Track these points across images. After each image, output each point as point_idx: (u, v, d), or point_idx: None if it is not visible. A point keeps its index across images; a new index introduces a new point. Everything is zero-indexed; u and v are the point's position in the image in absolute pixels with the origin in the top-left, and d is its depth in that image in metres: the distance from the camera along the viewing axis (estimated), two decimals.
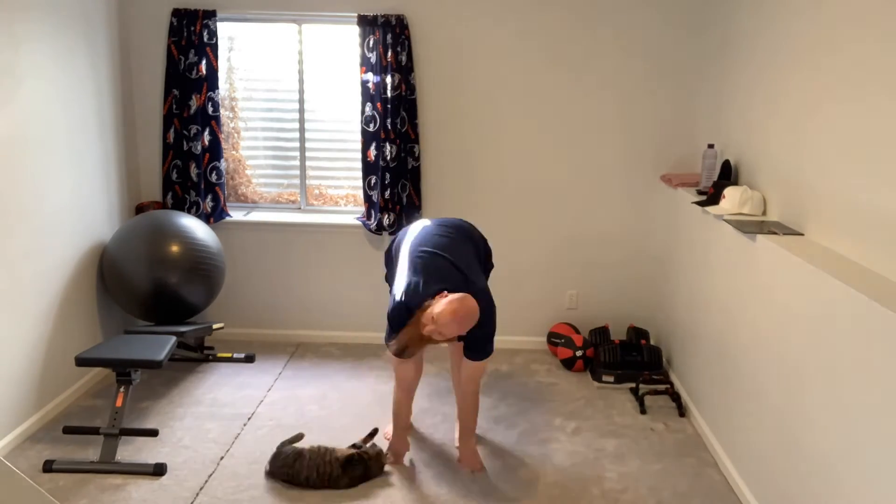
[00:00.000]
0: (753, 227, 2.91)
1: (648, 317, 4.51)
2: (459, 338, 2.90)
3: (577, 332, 4.35)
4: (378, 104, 4.18)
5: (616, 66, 4.18)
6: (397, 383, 3.13)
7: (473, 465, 3.08)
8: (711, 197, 3.44)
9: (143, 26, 4.25)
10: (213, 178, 4.36)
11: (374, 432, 3.22)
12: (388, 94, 4.15)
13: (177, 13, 4.16)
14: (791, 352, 2.54)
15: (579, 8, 4.12)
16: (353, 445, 3.10)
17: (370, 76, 4.17)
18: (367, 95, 4.19)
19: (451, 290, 2.79)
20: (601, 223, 4.40)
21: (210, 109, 4.26)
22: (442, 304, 2.72)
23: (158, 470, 3.08)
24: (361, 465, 2.98)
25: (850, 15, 2.51)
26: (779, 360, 2.64)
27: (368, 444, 3.10)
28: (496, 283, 4.46)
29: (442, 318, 2.69)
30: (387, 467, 3.13)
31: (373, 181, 4.30)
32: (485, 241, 3.34)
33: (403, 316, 2.86)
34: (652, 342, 4.43)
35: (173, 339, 3.42)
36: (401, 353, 2.89)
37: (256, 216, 4.50)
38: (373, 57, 4.14)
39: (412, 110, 4.20)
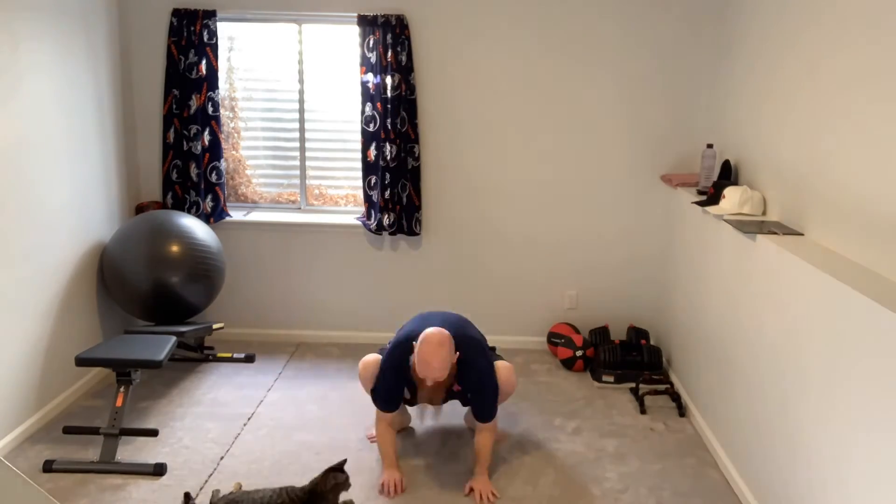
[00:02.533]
0: (753, 227, 2.91)
1: (648, 317, 4.51)
2: (464, 402, 3.14)
3: (577, 332, 4.35)
4: (378, 104, 4.18)
5: (616, 67, 4.18)
6: (382, 420, 3.11)
7: (487, 492, 2.97)
8: (711, 197, 3.44)
9: (143, 26, 4.25)
10: (213, 178, 4.36)
11: (344, 462, 2.84)
12: (388, 94, 4.15)
13: (177, 13, 4.16)
14: (791, 352, 2.54)
15: (580, 9, 4.12)
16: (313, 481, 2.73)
17: (370, 76, 4.17)
18: (367, 95, 4.19)
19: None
20: (601, 223, 4.40)
21: (210, 109, 4.26)
22: (419, 352, 2.88)
23: (158, 470, 3.08)
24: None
25: (850, 16, 2.51)
26: (779, 359, 2.64)
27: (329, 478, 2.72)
28: (498, 281, 4.48)
29: (418, 356, 2.87)
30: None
31: (373, 181, 4.30)
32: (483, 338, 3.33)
33: (398, 370, 3.04)
34: (652, 342, 4.43)
35: (173, 339, 3.42)
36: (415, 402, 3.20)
37: (256, 216, 4.50)
38: (373, 57, 4.14)
39: (412, 110, 4.20)
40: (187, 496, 2.70)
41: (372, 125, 4.22)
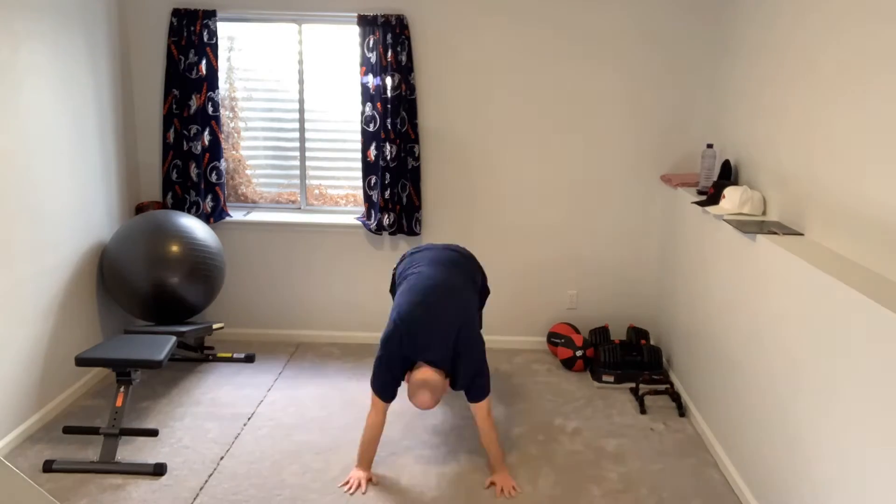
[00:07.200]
0: (753, 227, 2.92)
1: (648, 317, 4.51)
2: (457, 386, 3.05)
3: (577, 332, 4.35)
4: (378, 104, 4.18)
5: (616, 67, 4.18)
6: (371, 429, 3.06)
7: (508, 487, 3.04)
8: (711, 197, 3.44)
9: (143, 26, 4.25)
10: (213, 178, 4.36)
11: None
12: (388, 94, 4.15)
13: (177, 13, 4.16)
14: (791, 352, 2.54)
15: (579, 8, 4.12)
16: None
17: (370, 76, 4.17)
18: (366, 95, 4.19)
19: (433, 363, 2.95)
20: (601, 223, 4.40)
21: (210, 109, 4.26)
22: (411, 383, 2.95)
23: (158, 470, 3.08)
24: None
25: (849, 15, 2.51)
26: (779, 359, 2.64)
27: None
28: (497, 282, 4.48)
29: (412, 397, 2.96)
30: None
31: (373, 181, 4.30)
32: (483, 274, 3.59)
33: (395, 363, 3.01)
34: (652, 342, 4.43)
35: (173, 339, 3.42)
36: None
37: (256, 216, 4.50)
38: (373, 57, 4.14)
39: (412, 110, 4.20)
40: None
41: (372, 125, 4.22)
